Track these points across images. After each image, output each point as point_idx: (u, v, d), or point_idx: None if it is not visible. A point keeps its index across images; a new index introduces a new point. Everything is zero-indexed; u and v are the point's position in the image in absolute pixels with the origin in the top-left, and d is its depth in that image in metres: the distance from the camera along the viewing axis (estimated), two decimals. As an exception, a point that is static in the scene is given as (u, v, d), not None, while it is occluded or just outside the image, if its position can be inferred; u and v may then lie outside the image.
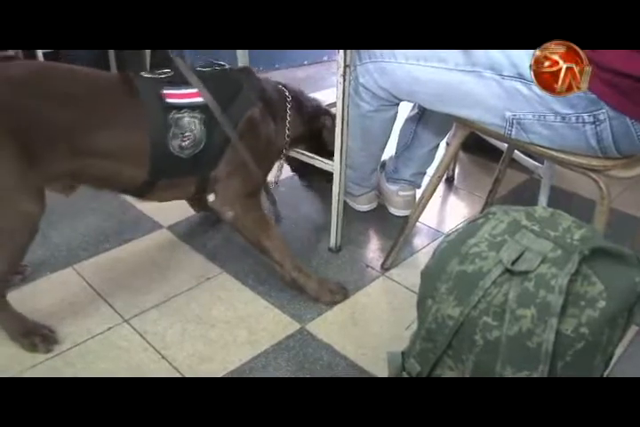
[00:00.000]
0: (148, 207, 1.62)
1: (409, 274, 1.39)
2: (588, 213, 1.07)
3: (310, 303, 1.29)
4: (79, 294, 1.30)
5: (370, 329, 1.23)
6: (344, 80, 1.17)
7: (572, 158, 1.03)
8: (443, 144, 1.65)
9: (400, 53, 1.18)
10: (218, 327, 1.22)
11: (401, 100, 1.32)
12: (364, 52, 1.26)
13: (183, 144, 1.11)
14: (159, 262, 1.42)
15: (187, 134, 1.11)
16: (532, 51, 0.95)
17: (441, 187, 1.80)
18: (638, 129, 0.96)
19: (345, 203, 1.52)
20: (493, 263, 0.78)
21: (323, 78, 2.76)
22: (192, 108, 1.11)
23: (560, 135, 1.02)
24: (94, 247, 1.46)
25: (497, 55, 1.02)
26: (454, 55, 1.08)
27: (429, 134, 1.51)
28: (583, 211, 1.00)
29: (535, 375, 0.74)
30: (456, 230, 0.89)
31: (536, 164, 1.59)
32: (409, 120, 1.54)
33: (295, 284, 1.28)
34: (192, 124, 1.11)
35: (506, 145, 1.51)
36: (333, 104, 1.30)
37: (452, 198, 1.77)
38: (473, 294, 0.78)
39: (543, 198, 1.59)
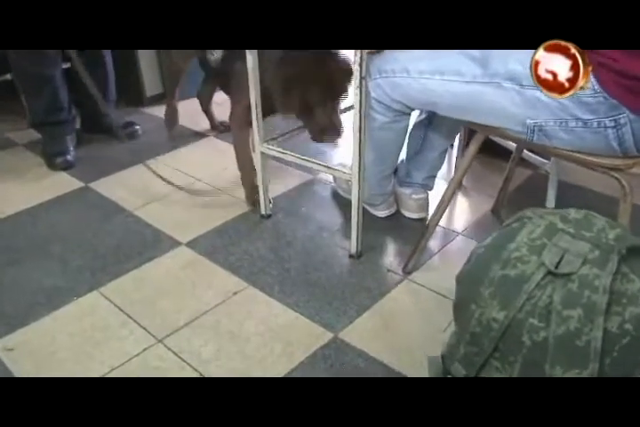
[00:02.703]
0: (165, 225, 1.63)
1: (431, 276, 1.42)
2: (596, 204, 1.08)
3: (340, 312, 1.31)
4: (109, 317, 1.32)
5: (401, 333, 1.25)
6: (360, 92, 1.20)
7: (594, 159, 1.06)
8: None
9: (413, 69, 1.20)
10: (252, 342, 1.24)
11: (414, 110, 1.34)
12: (374, 69, 1.28)
13: None
14: (183, 280, 1.43)
15: None
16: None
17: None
18: (658, 129, 1.00)
19: (363, 210, 1.54)
20: (535, 267, 0.81)
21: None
22: None
23: (580, 138, 1.05)
24: (116, 269, 1.47)
25: (515, 66, 1.05)
26: (471, 68, 1.11)
27: (439, 138, 1.54)
28: (591, 203, 1.02)
29: (585, 374, 0.77)
30: (490, 236, 0.92)
31: (543, 160, 1.62)
32: (418, 125, 1.57)
33: None
34: None
35: (514, 144, 1.54)
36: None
37: (461, 198, 1.79)
38: (518, 297, 0.81)
39: (552, 193, 1.62)
